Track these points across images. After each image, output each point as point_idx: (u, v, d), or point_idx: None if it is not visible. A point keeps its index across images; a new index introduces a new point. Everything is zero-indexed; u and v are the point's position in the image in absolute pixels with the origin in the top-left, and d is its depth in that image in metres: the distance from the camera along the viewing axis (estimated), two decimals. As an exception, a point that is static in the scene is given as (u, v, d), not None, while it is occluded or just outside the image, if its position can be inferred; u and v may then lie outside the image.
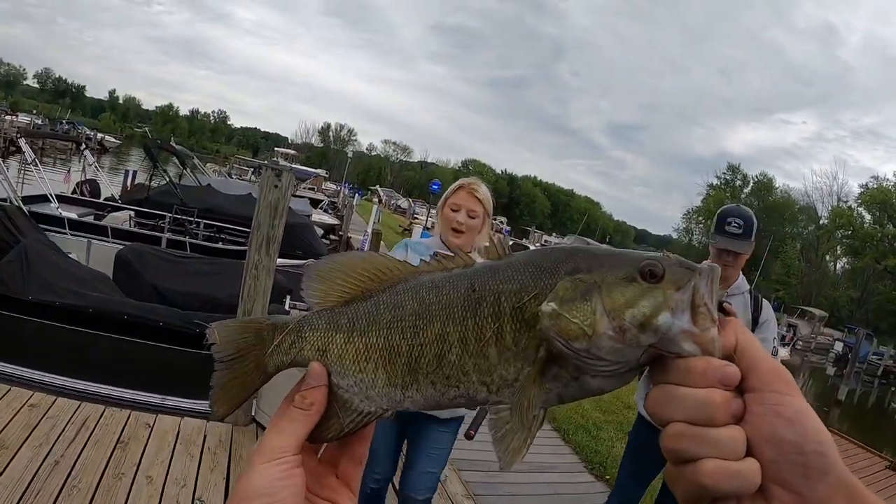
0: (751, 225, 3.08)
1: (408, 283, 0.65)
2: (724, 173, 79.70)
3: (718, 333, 0.52)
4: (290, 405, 0.62)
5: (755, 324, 3.14)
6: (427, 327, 0.61)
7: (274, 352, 0.66)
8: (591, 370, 0.55)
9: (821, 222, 71.37)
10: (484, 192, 2.90)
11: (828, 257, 69.63)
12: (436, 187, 35.39)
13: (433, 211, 46.42)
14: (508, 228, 51.61)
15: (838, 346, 42.43)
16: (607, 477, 5.43)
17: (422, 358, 0.61)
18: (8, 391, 4.25)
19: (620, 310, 0.54)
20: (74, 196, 12.00)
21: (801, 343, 41.48)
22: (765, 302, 3.23)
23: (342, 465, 0.67)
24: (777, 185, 77.95)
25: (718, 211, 3.25)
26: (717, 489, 0.48)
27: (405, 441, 3.20)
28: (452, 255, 0.65)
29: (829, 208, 70.43)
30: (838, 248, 68.74)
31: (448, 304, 0.61)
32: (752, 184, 77.78)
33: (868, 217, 65.55)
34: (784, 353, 26.81)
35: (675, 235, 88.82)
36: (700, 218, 75.77)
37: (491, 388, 0.59)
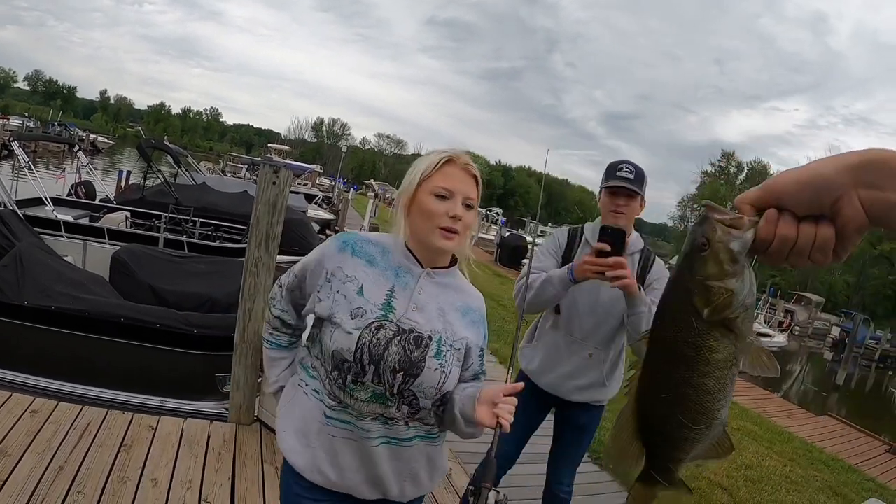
0: (641, 175, 2.83)
1: None
2: (719, 160, 79.64)
3: (737, 217, 0.81)
4: None
5: (643, 283, 2.90)
6: None
7: None
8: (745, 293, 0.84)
9: (816, 207, 71.06)
10: (478, 170, 1.84)
11: (823, 242, 69.44)
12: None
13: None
14: (504, 219, 51.37)
15: (835, 331, 42.59)
16: (611, 466, 5.42)
17: None
18: (9, 398, 4.21)
19: (720, 272, 0.82)
20: (70, 198, 11.96)
21: (798, 328, 41.54)
22: (658, 263, 3.01)
23: None
24: (772, 172, 77.65)
25: (609, 164, 2.93)
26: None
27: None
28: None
29: (824, 193, 70.13)
30: (833, 232, 68.54)
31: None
32: (746, 171, 77.82)
33: (862, 201, 65.24)
34: (782, 338, 26.86)
35: (670, 223, 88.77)
36: (695, 205, 75.72)
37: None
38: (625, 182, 2.79)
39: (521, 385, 1.78)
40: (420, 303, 1.74)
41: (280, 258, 4.53)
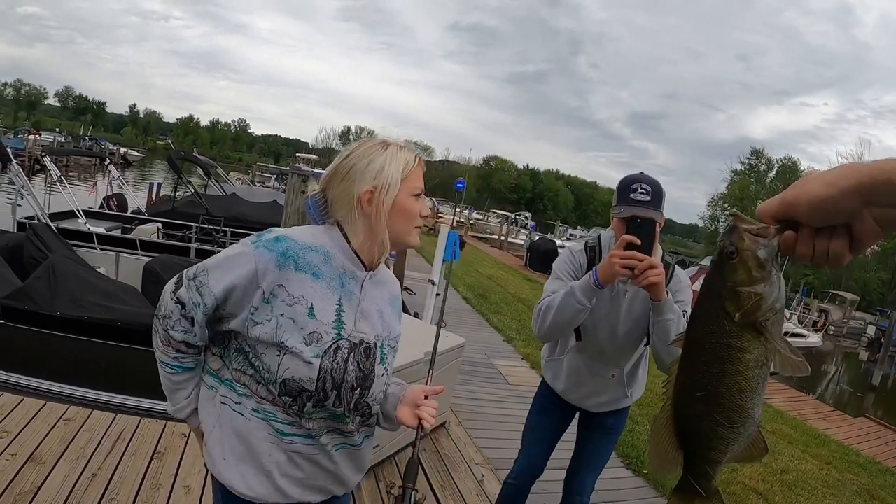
0: (659, 192, 2.54)
1: None
2: (748, 158, 78.17)
3: (763, 227, 0.86)
4: None
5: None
6: None
7: None
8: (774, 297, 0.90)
9: (848, 205, 69.86)
10: None
11: (857, 240, 68.21)
12: (461, 185, 35.03)
13: (459, 209, 46.44)
14: (534, 224, 51.11)
15: (871, 330, 41.63)
16: (645, 471, 5.37)
17: None
18: (43, 406, 4.28)
19: (749, 279, 0.88)
20: (102, 210, 12.13)
21: (832, 328, 40.70)
22: (678, 272, 2.79)
23: None
24: (802, 168, 76.31)
25: (620, 181, 2.64)
26: None
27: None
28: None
29: (856, 190, 68.98)
30: (867, 230, 67.30)
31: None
32: (776, 168, 76.68)
33: None
34: (816, 338, 26.48)
35: (700, 223, 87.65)
36: (726, 205, 74.68)
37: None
38: (640, 211, 2.47)
39: (441, 388, 1.87)
40: (365, 311, 1.68)
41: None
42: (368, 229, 1.63)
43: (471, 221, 47.45)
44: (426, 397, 1.79)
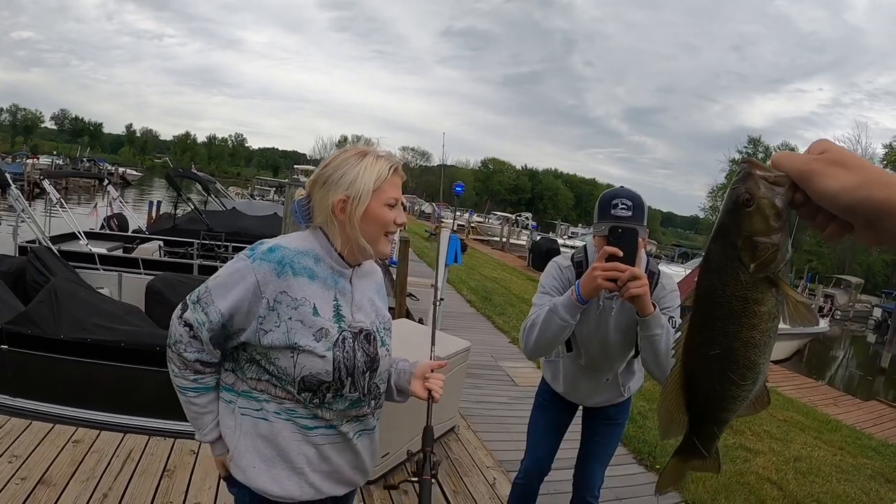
0: (641, 206, 2.46)
1: None
2: (746, 147, 78.27)
3: (780, 175, 0.82)
4: None
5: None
6: None
7: None
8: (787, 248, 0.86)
9: (849, 188, 69.78)
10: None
11: (859, 223, 68.01)
12: (459, 189, 35.08)
13: (459, 213, 46.32)
14: (535, 224, 50.95)
15: (877, 313, 41.49)
16: (657, 466, 5.35)
17: None
18: (51, 429, 4.27)
19: (766, 228, 0.84)
20: (103, 231, 12.14)
21: (839, 313, 40.45)
22: (664, 276, 2.73)
23: None
24: (800, 156, 76.00)
25: (600, 197, 2.57)
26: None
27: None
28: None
29: (856, 173, 68.95)
30: (869, 212, 67.06)
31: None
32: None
33: None
34: (823, 323, 26.38)
35: (701, 215, 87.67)
36: (725, 195, 74.25)
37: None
38: (622, 224, 2.38)
39: (445, 363, 2.13)
40: (358, 302, 1.79)
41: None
42: (345, 235, 1.73)
43: (472, 224, 47.37)
44: (432, 371, 2.00)
